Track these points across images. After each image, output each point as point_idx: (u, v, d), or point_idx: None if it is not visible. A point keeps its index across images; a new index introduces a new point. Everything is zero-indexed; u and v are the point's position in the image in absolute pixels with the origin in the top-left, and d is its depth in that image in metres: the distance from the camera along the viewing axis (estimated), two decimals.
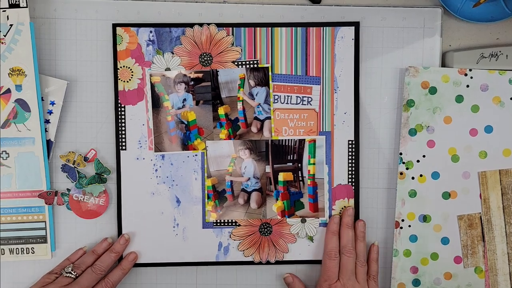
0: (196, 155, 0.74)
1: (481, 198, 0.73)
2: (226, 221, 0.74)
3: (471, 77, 0.72)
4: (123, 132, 0.73)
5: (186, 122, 0.73)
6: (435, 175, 0.73)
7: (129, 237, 0.73)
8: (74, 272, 0.70)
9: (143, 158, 0.73)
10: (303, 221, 0.74)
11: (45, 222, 0.73)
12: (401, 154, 0.73)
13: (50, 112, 0.72)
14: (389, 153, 0.75)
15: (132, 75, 0.72)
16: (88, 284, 0.69)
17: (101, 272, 0.70)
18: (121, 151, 0.73)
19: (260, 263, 0.74)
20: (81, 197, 0.73)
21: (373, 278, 0.73)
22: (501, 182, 0.73)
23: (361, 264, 0.72)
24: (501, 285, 0.74)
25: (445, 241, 0.74)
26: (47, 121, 0.72)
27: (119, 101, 0.73)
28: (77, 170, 0.73)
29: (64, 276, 0.69)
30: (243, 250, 0.74)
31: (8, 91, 0.71)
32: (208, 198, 0.74)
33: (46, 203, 0.72)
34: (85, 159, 0.73)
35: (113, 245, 0.73)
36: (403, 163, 0.73)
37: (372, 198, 0.75)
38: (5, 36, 0.69)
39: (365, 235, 0.73)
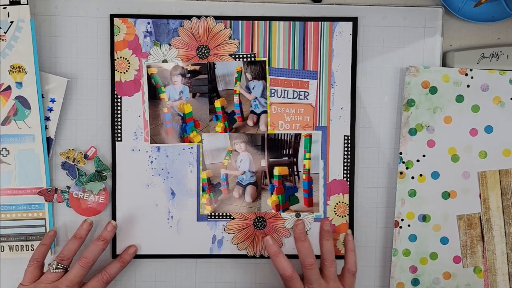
0: (191, 147, 0.74)
1: (480, 198, 0.73)
2: (220, 214, 0.74)
3: (472, 77, 0.72)
4: (119, 123, 0.73)
5: (182, 115, 0.73)
6: (435, 175, 0.73)
7: (116, 224, 0.71)
8: (61, 265, 0.68)
9: (139, 150, 0.74)
10: (298, 215, 0.74)
11: (44, 219, 0.73)
12: (401, 153, 0.73)
13: (50, 110, 0.72)
14: (389, 153, 0.75)
15: (129, 66, 0.73)
16: (79, 279, 0.67)
17: (90, 264, 0.68)
18: (116, 142, 0.73)
19: (254, 256, 0.74)
20: (81, 194, 0.73)
21: (350, 270, 0.70)
22: (501, 182, 0.73)
23: (329, 265, 0.69)
24: (500, 285, 0.74)
25: (444, 240, 0.74)
26: (47, 118, 0.72)
27: (115, 92, 0.73)
28: (77, 168, 0.73)
29: (51, 272, 0.67)
30: (237, 244, 0.75)
31: (9, 88, 0.71)
32: (203, 191, 0.74)
33: (46, 200, 0.73)
34: (85, 156, 0.73)
35: (100, 233, 0.70)
36: (403, 162, 0.73)
37: (371, 197, 0.75)
38: (5, 33, 0.70)
39: (330, 234, 0.70)
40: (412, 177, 0.73)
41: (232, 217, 0.74)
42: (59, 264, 0.68)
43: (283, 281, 0.69)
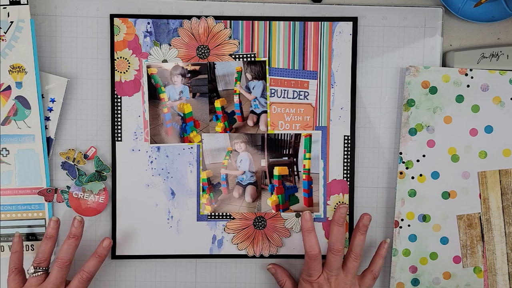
0: (191, 147, 0.74)
1: (480, 198, 0.73)
2: (220, 214, 0.74)
3: (472, 77, 0.72)
4: (119, 123, 0.73)
5: (182, 114, 0.73)
6: (435, 175, 0.73)
7: (82, 218, 0.70)
8: (40, 268, 0.68)
9: (139, 150, 0.74)
10: (298, 215, 0.74)
11: (44, 219, 0.73)
12: (401, 153, 0.73)
13: (50, 109, 0.72)
14: (389, 153, 0.75)
15: (128, 66, 0.73)
16: (61, 279, 0.67)
17: (67, 263, 0.67)
18: (116, 142, 0.73)
19: (254, 256, 0.74)
20: (81, 194, 0.73)
21: (373, 273, 0.71)
22: (501, 182, 0.73)
23: (355, 258, 0.70)
24: (500, 285, 0.74)
25: (444, 240, 0.74)
26: (47, 118, 0.72)
27: (115, 92, 0.73)
28: (77, 168, 0.73)
29: (33, 277, 0.67)
30: (237, 244, 0.74)
31: (9, 88, 0.71)
32: (203, 190, 0.74)
33: (45, 200, 0.73)
34: (85, 156, 0.73)
35: (70, 230, 0.69)
36: (403, 162, 0.73)
37: (371, 197, 0.75)
38: (5, 33, 0.70)
39: (367, 229, 0.71)
40: (412, 177, 0.73)
41: (232, 217, 0.74)
42: (38, 268, 0.68)
43: (306, 259, 0.70)
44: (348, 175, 0.74)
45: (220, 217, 0.74)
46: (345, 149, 0.74)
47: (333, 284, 0.69)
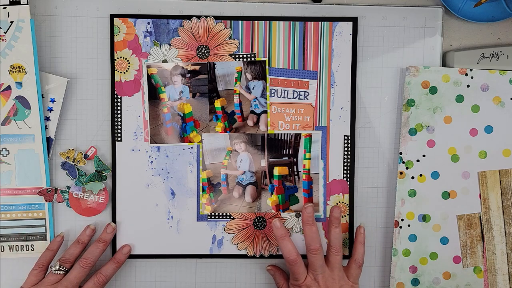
0: (191, 147, 0.74)
1: (480, 198, 0.73)
2: (220, 214, 0.74)
3: (472, 77, 0.72)
4: (119, 123, 0.73)
5: (182, 114, 0.73)
6: (435, 175, 0.73)
7: (115, 225, 0.73)
8: (63, 268, 0.69)
9: (139, 150, 0.74)
10: (298, 215, 0.74)
11: (44, 219, 0.73)
12: (401, 153, 0.73)
13: (50, 109, 0.72)
14: (389, 153, 0.75)
15: (128, 66, 0.73)
16: (78, 280, 0.69)
17: (90, 265, 0.70)
18: (116, 142, 0.73)
19: (254, 256, 0.74)
20: (81, 194, 0.73)
21: (356, 261, 0.71)
22: (501, 182, 0.73)
23: (335, 252, 0.69)
24: (500, 285, 0.74)
25: (444, 240, 0.74)
26: (47, 118, 0.72)
27: (115, 92, 0.73)
28: (77, 168, 0.73)
29: (53, 273, 0.69)
30: (237, 244, 0.75)
31: (9, 88, 0.71)
32: (203, 190, 0.74)
33: (45, 200, 0.73)
34: (85, 156, 0.73)
35: (100, 235, 0.72)
36: (403, 162, 0.73)
37: (371, 197, 0.75)
38: (5, 33, 0.70)
39: (339, 221, 0.70)
40: (412, 177, 0.73)
41: (232, 217, 0.74)
42: (61, 266, 0.69)
43: (287, 265, 0.70)
44: (348, 175, 0.74)
45: (220, 217, 0.74)
46: (345, 149, 0.74)
47: (321, 282, 0.68)
